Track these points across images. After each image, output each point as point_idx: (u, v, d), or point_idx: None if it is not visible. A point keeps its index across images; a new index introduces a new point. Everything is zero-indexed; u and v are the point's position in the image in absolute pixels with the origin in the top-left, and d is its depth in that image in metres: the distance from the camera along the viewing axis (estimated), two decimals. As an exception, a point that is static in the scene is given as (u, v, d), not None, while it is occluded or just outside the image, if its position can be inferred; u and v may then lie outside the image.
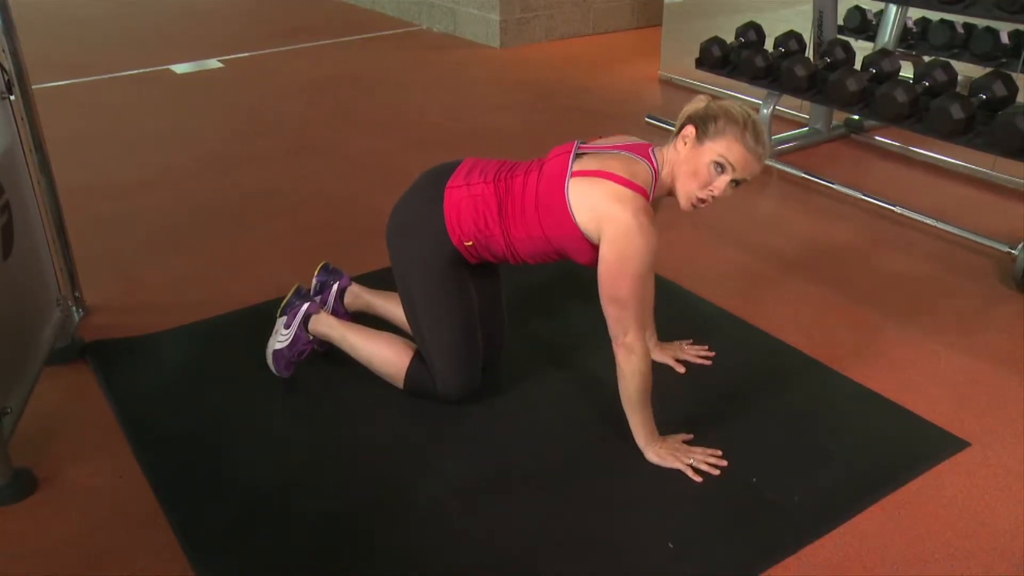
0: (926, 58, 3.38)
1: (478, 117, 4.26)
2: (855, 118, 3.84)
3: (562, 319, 2.47)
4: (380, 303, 2.31)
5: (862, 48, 3.52)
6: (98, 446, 1.98)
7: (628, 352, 1.80)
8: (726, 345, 2.31)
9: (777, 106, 3.56)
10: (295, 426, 2.04)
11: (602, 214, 1.78)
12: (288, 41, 5.75)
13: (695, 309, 2.53)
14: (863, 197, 3.23)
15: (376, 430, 2.02)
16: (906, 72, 3.21)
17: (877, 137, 3.83)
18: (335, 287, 2.33)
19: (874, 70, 3.14)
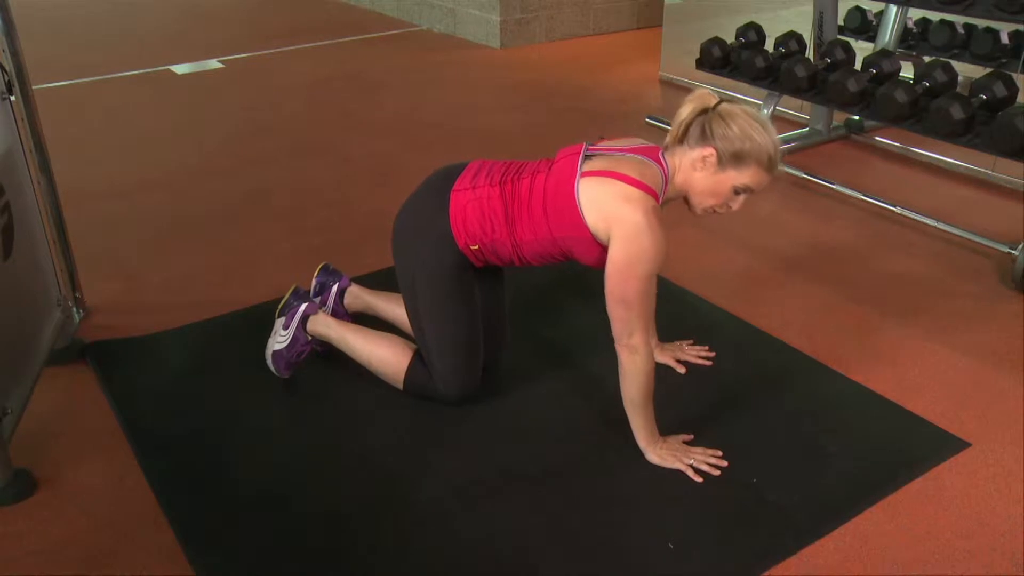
0: (926, 59, 3.38)
1: (478, 118, 4.26)
2: (855, 118, 3.84)
3: (562, 319, 2.47)
4: (380, 303, 2.31)
5: (862, 49, 3.51)
6: (98, 447, 1.97)
7: (632, 353, 1.80)
8: (727, 345, 2.31)
9: (777, 106, 3.57)
10: (295, 426, 2.04)
11: (611, 214, 1.77)
12: (288, 41, 5.75)
13: (695, 309, 2.53)
14: (863, 197, 3.23)
15: (376, 430, 2.02)
16: (906, 73, 3.21)
17: (877, 137, 3.83)
18: (335, 288, 2.33)
19: (874, 71, 3.14)
